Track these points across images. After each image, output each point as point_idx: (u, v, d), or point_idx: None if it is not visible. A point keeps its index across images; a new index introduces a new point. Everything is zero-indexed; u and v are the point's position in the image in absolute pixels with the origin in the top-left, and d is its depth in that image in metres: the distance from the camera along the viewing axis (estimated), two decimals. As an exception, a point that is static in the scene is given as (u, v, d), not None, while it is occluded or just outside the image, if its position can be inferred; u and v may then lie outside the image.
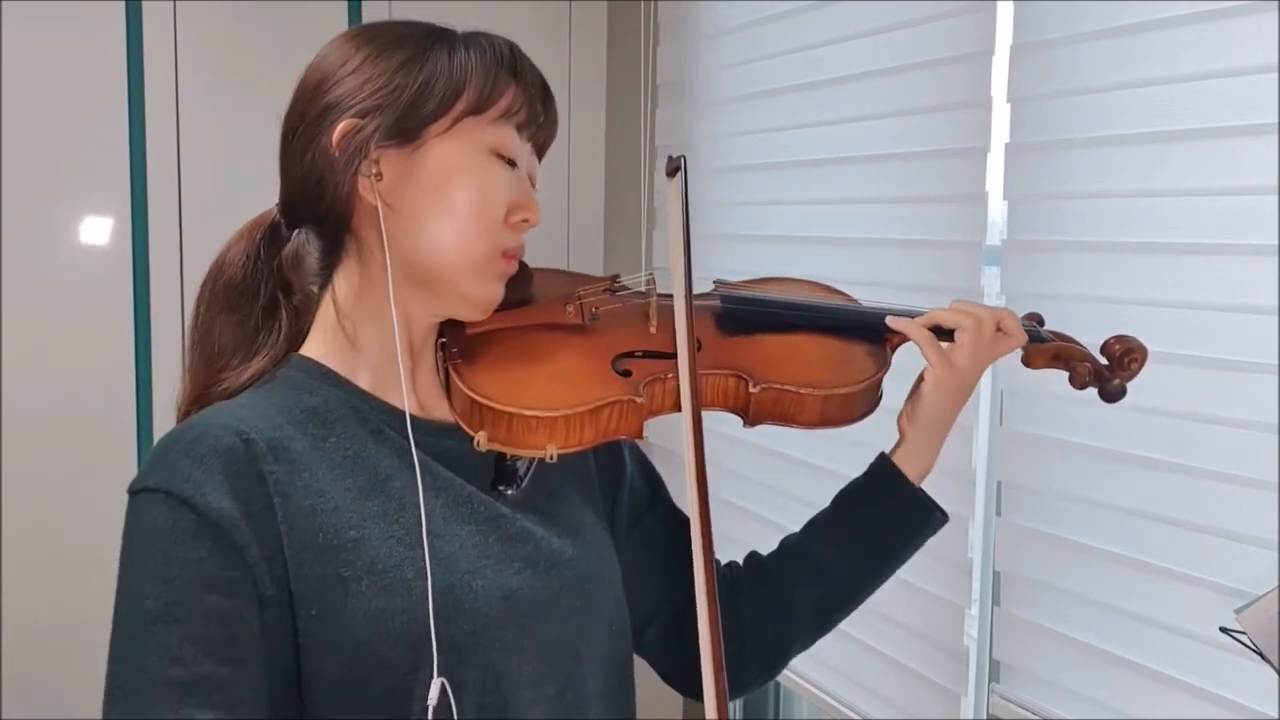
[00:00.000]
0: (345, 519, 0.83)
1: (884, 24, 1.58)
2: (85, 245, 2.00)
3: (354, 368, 0.91)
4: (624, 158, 2.25)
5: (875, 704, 1.65)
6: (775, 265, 1.82)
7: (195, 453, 0.80)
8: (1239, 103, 1.12)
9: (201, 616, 0.76)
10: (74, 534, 2.01)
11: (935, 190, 1.52)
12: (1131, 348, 1.03)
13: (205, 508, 0.78)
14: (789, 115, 1.79)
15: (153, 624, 0.76)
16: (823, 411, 0.97)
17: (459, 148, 0.88)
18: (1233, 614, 0.96)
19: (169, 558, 0.77)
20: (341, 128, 0.86)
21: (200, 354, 0.93)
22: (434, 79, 0.87)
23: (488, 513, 0.89)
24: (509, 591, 0.86)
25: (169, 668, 0.75)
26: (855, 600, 1.07)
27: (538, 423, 0.87)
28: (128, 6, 1.98)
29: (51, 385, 1.98)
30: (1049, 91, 1.34)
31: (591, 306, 0.97)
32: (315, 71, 0.90)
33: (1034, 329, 1.05)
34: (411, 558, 0.83)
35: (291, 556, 0.80)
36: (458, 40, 0.90)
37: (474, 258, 0.88)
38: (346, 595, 0.81)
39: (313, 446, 0.85)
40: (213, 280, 0.94)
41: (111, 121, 1.99)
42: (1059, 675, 1.36)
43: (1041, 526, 1.37)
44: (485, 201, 0.88)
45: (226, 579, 0.78)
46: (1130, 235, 1.25)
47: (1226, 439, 1.15)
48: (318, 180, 0.87)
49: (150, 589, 0.77)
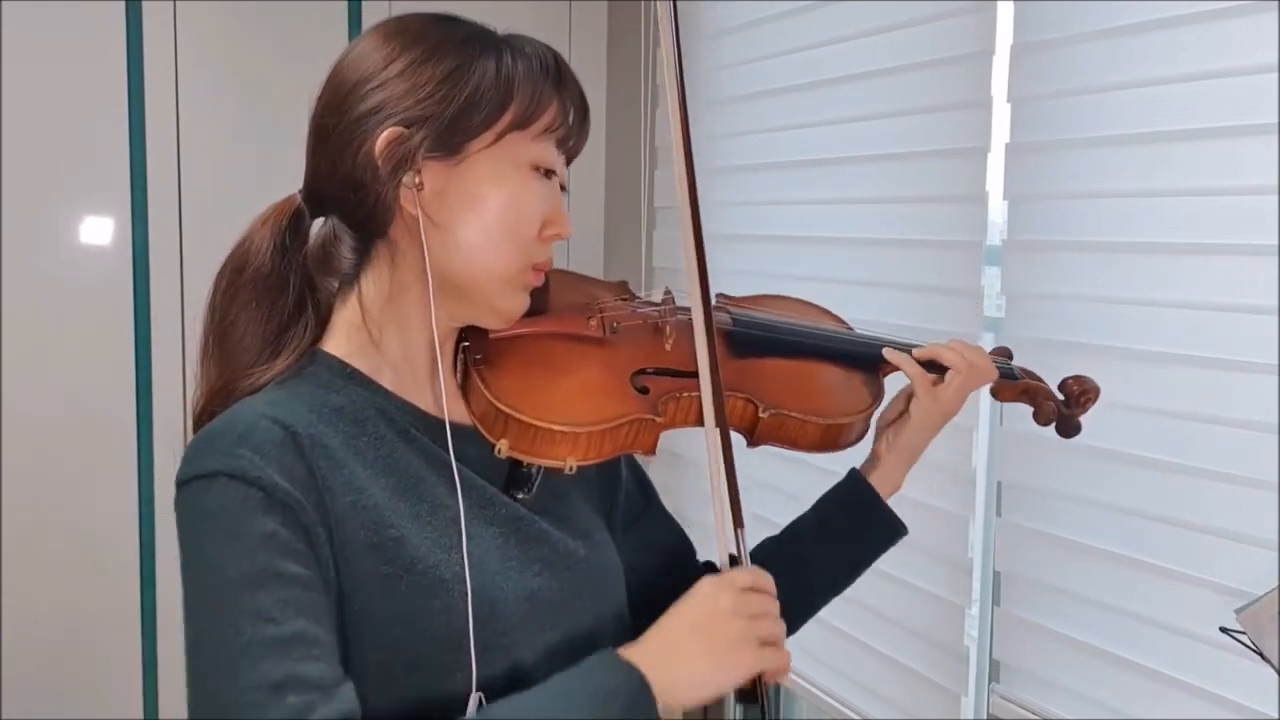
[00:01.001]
0: (385, 517, 0.82)
1: (884, 24, 1.58)
2: (85, 245, 2.00)
3: (377, 368, 0.90)
4: (624, 158, 2.25)
5: (875, 704, 1.65)
6: (775, 265, 1.82)
7: (251, 441, 0.79)
8: (1239, 103, 1.12)
9: (284, 581, 0.75)
10: (74, 534, 2.01)
11: (935, 190, 1.52)
12: (1087, 389, 1.09)
13: (273, 486, 0.77)
14: (789, 115, 1.79)
15: (239, 590, 0.74)
16: (823, 438, 1.01)
17: (501, 163, 0.87)
18: (1233, 614, 0.96)
19: (242, 530, 0.76)
20: (387, 136, 0.84)
21: (223, 347, 0.90)
22: (481, 91, 0.86)
23: (509, 515, 0.90)
24: (531, 593, 0.87)
25: (264, 627, 0.73)
26: (820, 604, 1.11)
27: (561, 437, 0.88)
28: (128, 6, 1.98)
29: (52, 385, 1.98)
30: (1049, 91, 1.34)
31: (613, 320, 0.98)
32: (355, 69, 0.87)
33: (1006, 365, 1.10)
34: (448, 560, 0.83)
35: (338, 550, 0.80)
36: (504, 47, 0.88)
37: (506, 271, 0.88)
38: (387, 593, 0.80)
39: (345, 444, 0.84)
40: (237, 269, 0.91)
41: (111, 121, 1.99)
42: (1059, 675, 1.36)
43: (1041, 526, 1.37)
44: (522, 217, 0.88)
45: (299, 551, 0.77)
46: (1130, 235, 1.25)
47: (1226, 439, 1.15)
48: (357, 185, 0.86)
49: (230, 558, 0.75)
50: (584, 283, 1.04)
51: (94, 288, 2.01)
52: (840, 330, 1.11)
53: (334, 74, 0.89)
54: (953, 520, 1.46)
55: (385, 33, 0.88)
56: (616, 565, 0.98)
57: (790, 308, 1.12)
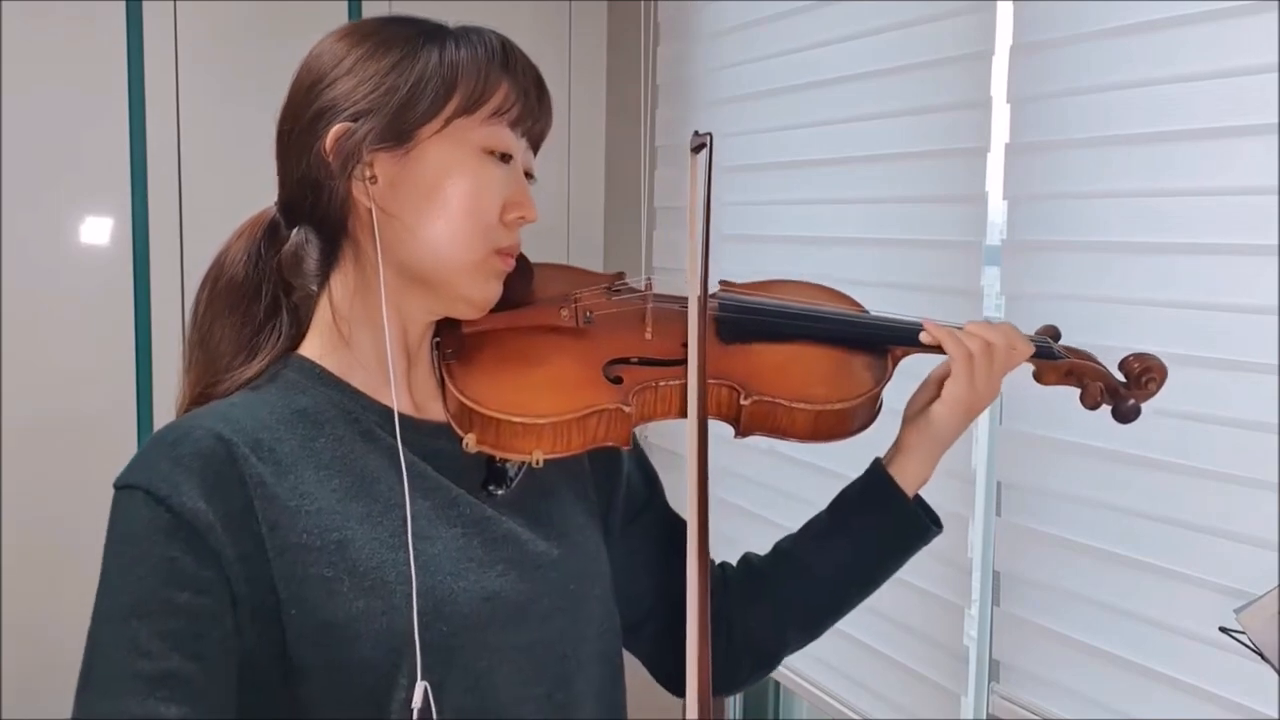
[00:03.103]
0: (329, 520, 0.83)
1: (884, 24, 1.58)
2: (85, 245, 2.00)
3: (348, 367, 0.91)
4: (624, 158, 2.25)
5: (875, 704, 1.65)
6: (775, 265, 1.82)
7: (176, 453, 0.81)
8: (1239, 103, 1.12)
9: (170, 613, 0.77)
10: (74, 534, 2.00)
11: (935, 190, 1.52)
12: (1150, 366, 1.00)
13: (181, 508, 0.79)
14: (789, 115, 1.79)
15: (124, 618, 0.77)
16: (815, 426, 0.95)
17: (451, 148, 0.87)
18: (1232, 614, 0.96)
19: (143, 554, 0.79)
20: (334, 132, 0.86)
21: (201, 354, 0.93)
22: (425, 79, 0.86)
23: (474, 515, 0.89)
24: (491, 594, 0.86)
25: (137, 660, 0.76)
26: (846, 606, 1.06)
27: (524, 429, 0.87)
28: (128, 6, 1.98)
29: (51, 385, 1.98)
30: (1049, 91, 1.33)
31: (586, 310, 0.96)
32: (309, 72, 0.90)
33: (1046, 344, 1.03)
34: (394, 560, 0.83)
35: (274, 557, 0.81)
36: (449, 37, 0.89)
37: (470, 258, 0.88)
38: (328, 596, 0.81)
39: (301, 447, 0.85)
40: (213, 280, 0.94)
41: (111, 121, 1.99)
42: (1059, 675, 1.36)
43: (1041, 526, 1.37)
44: (479, 201, 0.88)
45: (198, 577, 0.78)
46: (1130, 235, 1.25)
47: (1226, 439, 1.15)
48: (313, 184, 0.88)
49: (123, 584, 0.79)
50: (575, 275, 1.02)
51: (94, 288, 2.01)
52: (840, 310, 1.05)
53: (294, 80, 0.91)
54: (952, 520, 1.45)
55: (338, 35, 0.90)
56: (600, 566, 0.96)
57: (798, 292, 1.07)
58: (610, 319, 0.97)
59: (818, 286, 1.09)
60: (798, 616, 1.06)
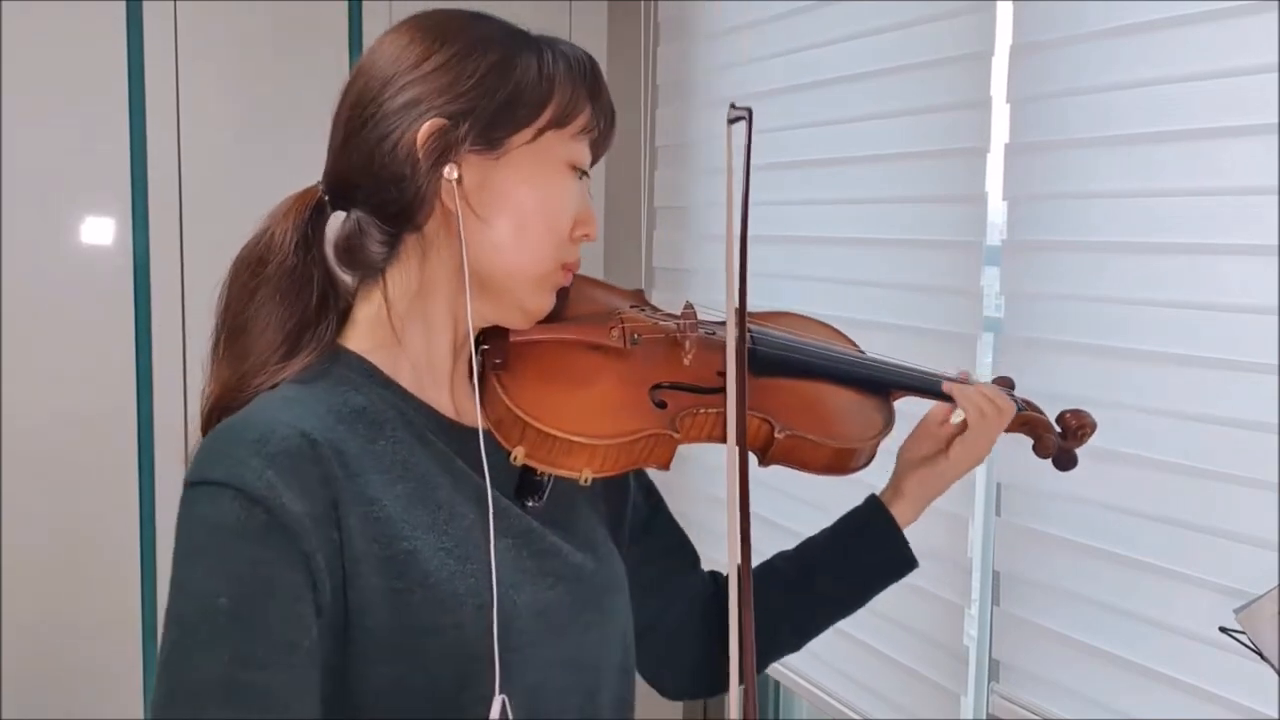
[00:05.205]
0: (398, 529, 0.80)
1: (884, 24, 1.58)
2: (85, 245, 2.00)
3: (396, 366, 0.88)
4: (624, 158, 2.25)
5: (875, 704, 1.65)
6: (775, 265, 1.82)
7: (265, 450, 0.76)
8: (1239, 103, 1.12)
9: (269, 619, 0.74)
10: (74, 534, 2.01)
11: (935, 190, 1.52)
12: (1084, 422, 1.10)
13: (280, 509, 0.74)
14: (789, 115, 1.79)
15: (226, 622, 0.73)
16: (832, 462, 1.00)
17: (540, 160, 0.86)
18: (1232, 614, 0.96)
19: (239, 555, 0.74)
20: (429, 127, 0.83)
21: (239, 342, 0.87)
22: (524, 86, 0.85)
23: (521, 526, 0.88)
24: (543, 607, 0.85)
25: (225, 670, 0.72)
26: (826, 626, 1.11)
27: (580, 448, 0.86)
28: (128, 6, 1.98)
29: (52, 385, 1.98)
30: (1049, 91, 1.34)
31: (634, 331, 0.96)
32: (391, 62, 0.85)
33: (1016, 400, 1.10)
34: (461, 571, 0.81)
35: (349, 565, 0.78)
36: (542, 46, 0.88)
37: (539, 270, 0.88)
38: (400, 608, 0.79)
39: (363, 450, 0.82)
40: (257, 264, 0.87)
41: (111, 122, 1.99)
42: (1059, 675, 1.36)
43: (1041, 526, 1.37)
44: (558, 216, 0.87)
45: (293, 583, 0.75)
46: (1130, 235, 1.25)
47: (1226, 439, 1.15)
48: (396, 178, 0.84)
49: (221, 586, 0.74)
50: (599, 288, 1.03)
51: (94, 288, 2.01)
52: (859, 356, 1.10)
53: (365, 67, 0.87)
54: (952, 520, 1.46)
55: (420, 27, 0.87)
56: (622, 579, 0.96)
57: (805, 327, 1.12)
58: (652, 342, 0.98)
59: (823, 324, 1.14)
60: (786, 630, 1.08)
